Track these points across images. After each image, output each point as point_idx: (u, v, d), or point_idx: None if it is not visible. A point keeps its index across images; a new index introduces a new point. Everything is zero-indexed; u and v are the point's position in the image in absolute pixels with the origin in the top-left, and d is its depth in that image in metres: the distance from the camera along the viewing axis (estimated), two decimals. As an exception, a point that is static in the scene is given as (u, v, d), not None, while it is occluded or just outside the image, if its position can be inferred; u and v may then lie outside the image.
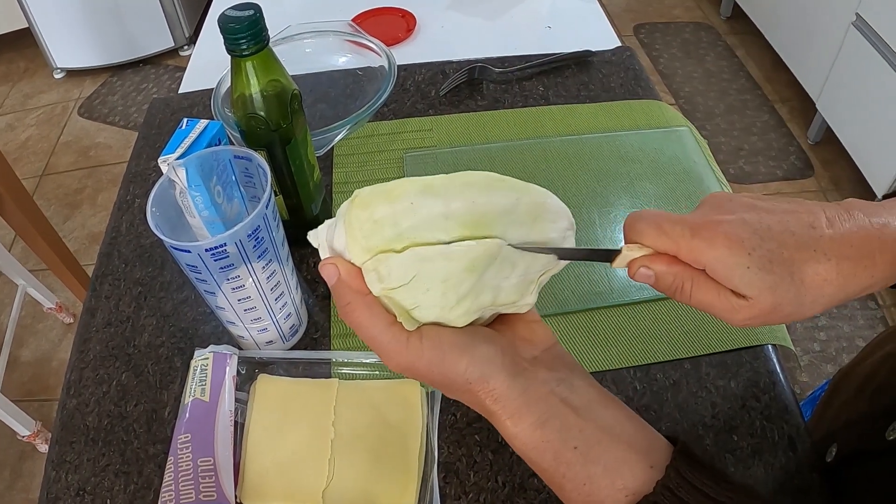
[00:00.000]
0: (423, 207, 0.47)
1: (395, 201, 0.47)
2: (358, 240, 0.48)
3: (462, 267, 0.48)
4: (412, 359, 0.49)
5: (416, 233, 0.47)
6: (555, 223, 0.52)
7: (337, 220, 0.51)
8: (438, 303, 0.49)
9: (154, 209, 0.69)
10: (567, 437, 0.49)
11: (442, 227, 0.47)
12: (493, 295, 0.51)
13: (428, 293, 0.49)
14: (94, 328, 0.91)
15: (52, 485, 0.78)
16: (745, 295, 0.50)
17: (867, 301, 2.36)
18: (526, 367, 0.52)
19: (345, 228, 0.49)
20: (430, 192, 0.48)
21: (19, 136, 3.30)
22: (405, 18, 1.47)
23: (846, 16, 2.54)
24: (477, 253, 0.48)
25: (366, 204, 0.48)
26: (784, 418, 0.79)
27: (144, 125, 1.21)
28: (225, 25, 0.72)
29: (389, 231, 0.47)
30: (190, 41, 3.61)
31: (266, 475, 0.74)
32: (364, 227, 0.48)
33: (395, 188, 0.48)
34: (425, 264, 0.48)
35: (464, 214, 0.48)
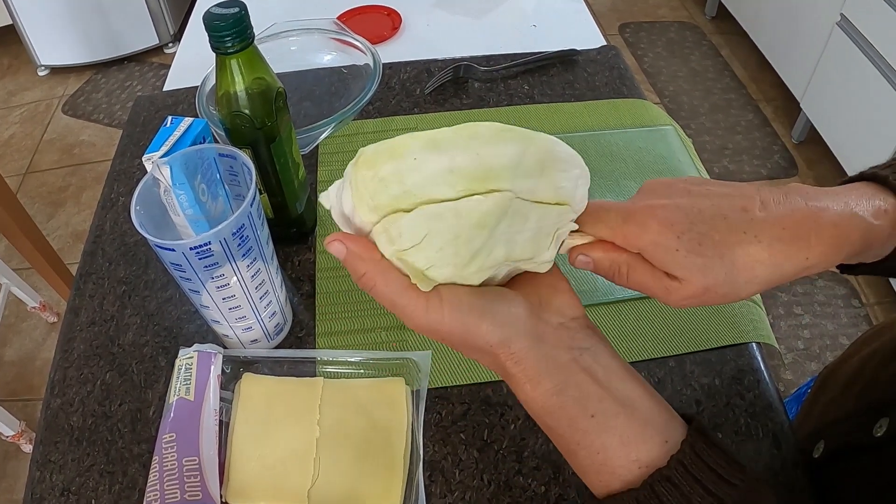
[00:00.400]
0: (427, 163, 0.47)
1: (400, 158, 0.47)
2: (365, 200, 0.48)
3: (473, 222, 0.47)
4: (432, 322, 0.49)
5: (422, 189, 0.47)
6: (565, 171, 0.52)
7: (343, 181, 0.50)
8: (451, 260, 0.49)
9: (138, 207, 0.69)
10: (585, 406, 0.49)
11: (448, 182, 0.47)
12: (506, 249, 0.50)
13: (441, 251, 0.48)
14: (78, 327, 0.91)
15: (37, 485, 0.77)
16: (677, 277, 0.52)
17: (851, 300, 2.37)
18: (549, 333, 0.51)
19: (351, 190, 0.49)
20: (434, 146, 0.47)
21: (3, 133, 3.28)
22: (390, 16, 1.46)
23: (831, 16, 2.56)
24: (487, 207, 0.47)
25: (370, 163, 0.47)
26: (768, 416, 0.79)
27: (129, 123, 1.20)
28: (210, 23, 0.72)
29: (395, 188, 0.47)
30: (175, 39, 3.59)
31: (251, 474, 0.73)
32: (370, 187, 0.47)
33: (399, 145, 0.47)
34: (435, 222, 0.47)
35: (469, 168, 0.47)
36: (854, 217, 0.54)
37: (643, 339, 0.85)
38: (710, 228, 0.51)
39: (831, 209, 0.54)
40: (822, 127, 2.71)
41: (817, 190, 0.55)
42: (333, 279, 0.93)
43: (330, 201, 0.52)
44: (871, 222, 0.55)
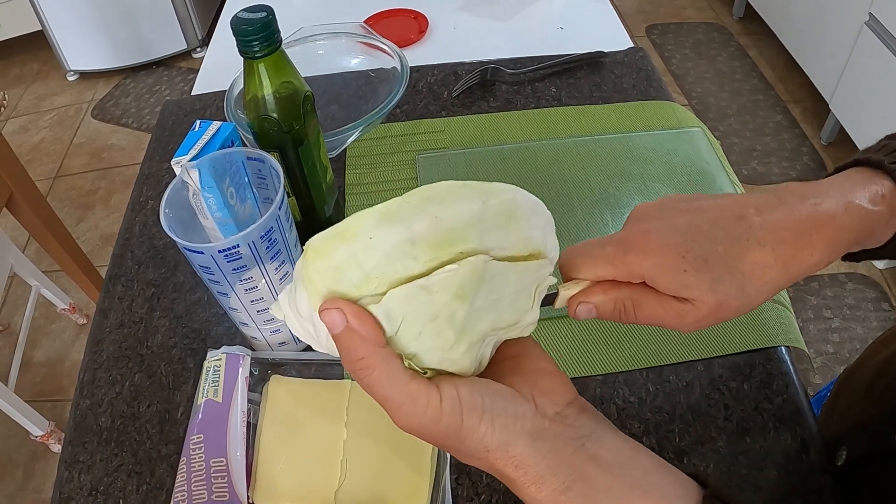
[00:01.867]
0: (383, 238, 0.41)
1: (352, 240, 0.42)
2: (322, 294, 0.43)
3: (450, 297, 0.43)
4: (428, 423, 0.44)
5: (384, 269, 0.42)
6: (530, 220, 0.47)
7: (295, 282, 0.46)
8: (436, 345, 0.44)
9: (167, 210, 0.70)
10: (594, 498, 0.46)
11: (410, 255, 0.42)
12: (492, 319, 0.46)
13: (421, 336, 0.44)
14: (107, 329, 0.91)
15: (65, 484, 0.78)
16: (687, 298, 0.50)
17: (881, 303, 2.34)
18: (548, 427, 0.47)
19: (305, 286, 0.44)
20: (387, 219, 0.42)
21: (33, 138, 3.31)
22: (417, 20, 1.47)
23: (859, 15, 2.53)
24: (462, 277, 0.42)
25: (321, 252, 0.43)
26: (797, 420, 0.78)
27: (157, 127, 1.21)
28: (237, 27, 0.72)
29: (355, 275, 0.42)
30: (203, 43, 3.62)
31: (278, 476, 0.74)
32: (326, 278, 0.43)
33: (349, 226, 0.42)
34: (408, 306, 0.42)
35: (430, 233, 0.42)
36: (852, 206, 0.54)
37: (671, 344, 0.85)
38: (711, 242, 0.50)
39: (828, 202, 0.53)
40: (852, 128, 2.69)
41: (809, 185, 0.55)
42: (360, 282, 0.93)
43: (282, 310, 0.48)
44: (870, 209, 0.54)
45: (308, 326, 0.46)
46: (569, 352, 0.84)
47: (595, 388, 0.82)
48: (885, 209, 0.55)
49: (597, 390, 0.81)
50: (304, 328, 0.47)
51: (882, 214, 0.55)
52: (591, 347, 0.85)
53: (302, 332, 0.47)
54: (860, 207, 0.54)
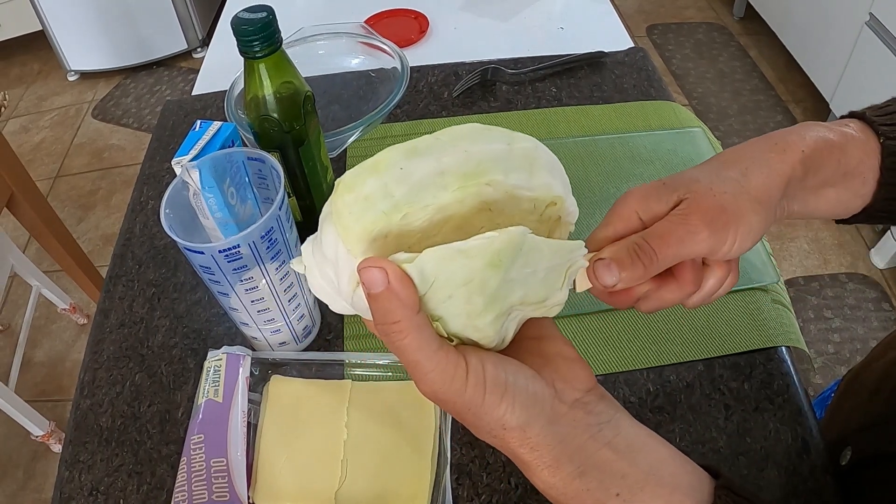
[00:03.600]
0: (414, 170, 0.42)
1: (383, 172, 0.42)
2: (350, 226, 0.43)
3: (485, 263, 0.42)
4: (451, 394, 0.44)
5: (412, 198, 0.42)
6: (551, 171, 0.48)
7: (322, 223, 0.46)
8: (464, 309, 0.44)
9: (168, 211, 0.70)
10: (609, 485, 0.46)
11: (439, 184, 0.43)
12: (522, 292, 0.46)
13: (450, 300, 0.44)
14: (107, 329, 0.91)
15: (66, 484, 0.78)
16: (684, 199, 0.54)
17: (881, 303, 2.34)
18: (565, 412, 0.47)
19: (333, 222, 0.44)
20: (417, 153, 0.43)
21: (33, 138, 3.31)
22: (418, 20, 1.47)
23: (860, 15, 2.53)
24: (500, 244, 0.42)
25: (351, 186, 0.43)
26: (797, 420, 0.78)
27: (158, 127, 1.21)
28: (238, 27, 0.72)
29: (383, 204, 0.42)
30: (203, 43, 3.62)
31: (279, 476, 0.74)
32: (354, 209, 0.42)
33: (381, 160, 0.43)
34: (443, 266, 0.42)
35: (458, 165, 0.43)
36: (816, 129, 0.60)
37: (672, 343, 0.85)
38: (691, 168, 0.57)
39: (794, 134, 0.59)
40: (853, 128, 2.68)
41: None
42: (361, 282, 0.93)
43: (304, 260, 0.47)
44: (836, 128, 0.60)
45: (329, 273, 0.46)
46: (569, 352, 0.84)
47: (595, 388, 0.82)
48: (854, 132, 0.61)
49: (597, 390, 0.81)
50: (326, 277, 0.46)
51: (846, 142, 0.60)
52: (592, 347, 0.85)
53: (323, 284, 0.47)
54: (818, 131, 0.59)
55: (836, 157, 0.58)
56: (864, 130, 0.60)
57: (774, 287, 0.90)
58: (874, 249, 2.47)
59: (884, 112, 0.61)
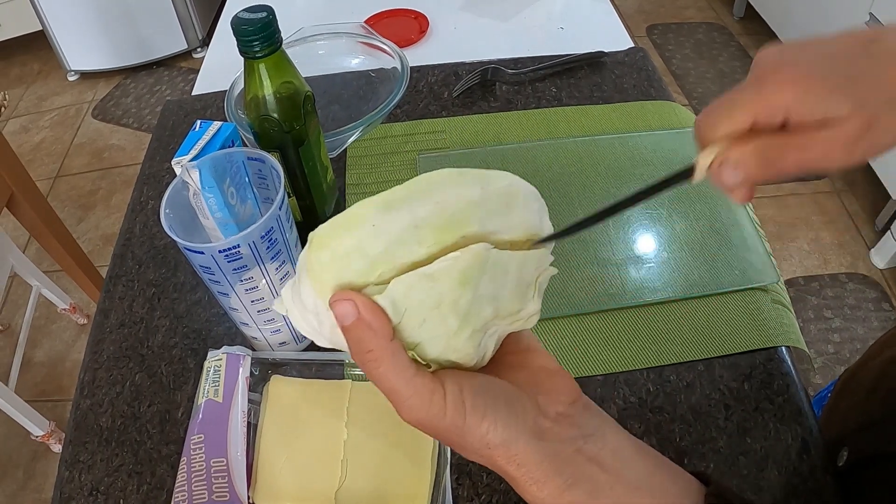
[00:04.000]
0: (387, 225, 0.42)
1: (356, 229, 0.42)
2: (326, 282, 0.43)
3: (454, 283, 0.42)
4: (432, 418, 0.44)
5: (388, 255, 0.42)
6: (527, 207, 0.47)
7: (299, 274, 0.45)
8: (439, 332, 0.44)
9: (168, 211, 0.70)
10: (598, 497, 0.46)
11: (415, 239, 0.42)
12: (493, 307, 0.46)
13: (425, 325, 0.44)
14: (107, 329, 0.91)
15: (66, 484, 0.78)
16: (834, 119, 0.44)
17: (881, 303, 2.34)
18: (550, 427, 0.47)
19: (310, 277, 0.44)
20: (389, 207, 0.42)
21: (33, 138, 3.31)
22: (418, 20, 1.47)
23: (860, 16, 2.53)
24: (465, 263, 0.42)
25: (324, 243, 0.43)
26: (797, 421, 0.78)
27: (158, 127, 1.21)
28: (238, 27, 0.72)
29: (359, 263, 0.42)
30: (203, 43, 3.62)
31: (279, 476, 0.74)
32: (331, 268, 0.42)
33: (352, 216, 0.42)
34: (412, 293, 0.42)
35: (433, 217, 0.42)
36: None
37: (672, 343, 0.85)
38: (850, 62, 0.45)
39: None
40: (852, 129, 2.68)
41: None
42: (361, 282, 0.93)
43: (285, 304, 0.47)
44: None
45: (311, 319, 0.46)
46: (569, 352, 0.85)
47: (595, 388, 0.82)
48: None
49: (597, 390, 0.81)
50: (308, 322, 0.46)
51: None
52: (592, 347, 0.85)
53: (305, 326, 0.47)
54: None
55: None
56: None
57: (774, 287, 0.90)
58: (874, 249, 2.47)
59: None
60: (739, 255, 0.92)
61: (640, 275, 0.91)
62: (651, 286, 0.90)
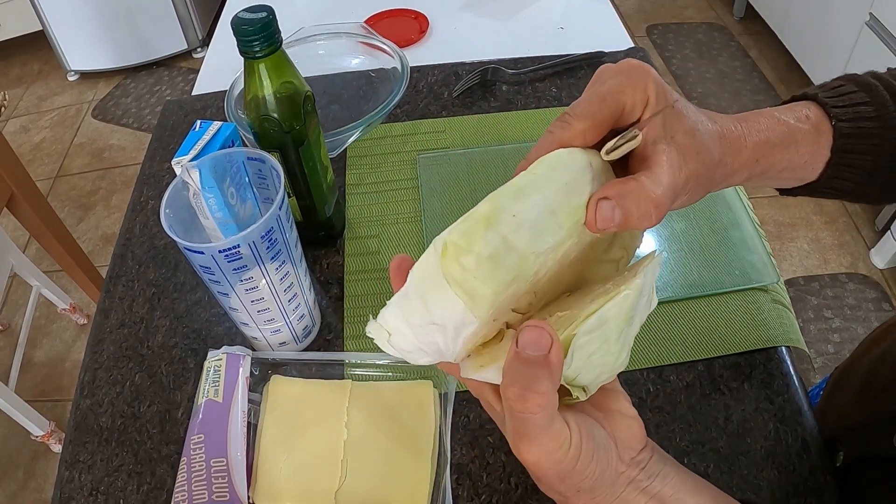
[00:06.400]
0: (526, 213, 0.41)
1: (496, 223, 0.40)
2: (478, 290, 0.40)
3: (622, 321, 0.43)
4: (551, 464, 0.43)
5: (534, 245, 0.41)
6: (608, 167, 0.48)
7: (423, 287, 0.41)
8: (604, 361, 0.44)
9: (168, 211, 0.70)
10: None
11: (555, 224, 0.42)
12: (639, 321, 0.46)
13: (590, 360, 0.43)
14: (107, 329, 0.91)
15: (66, 484, 0.78)
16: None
17: (881, 303, 2.34)
18: (623, 471, 0.48)
19: (452, 288, 0.40)
20: (522, 195, 0.41)
21: (33, 138, 3.31)
22: (418, 20, 1.47)
23: (860, 15, 2.53)
24: (631, 300, 0.43)
25: (463, 248, 0.40)
26: (797, 420, 0.78)
27: (158, 127, 1.21)
28: (238, 27, 0.72)
29: (511, 258, 0.40)
30: (203, 43, 3.62)
31: (279, 476, 0.74)
32: (480, 272, 0.40)
33: (488, 210, 0.40)
34: (585, 339, 0.42)
35: (564, 199, 0.42)
36: (775, 118, 0.57)
37: (672, 343, 0.85)
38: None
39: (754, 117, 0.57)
40: (853, 129, 2.68)
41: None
42: (362, 282, 0.93)
43: (386, 326, 0.44)
44: (791, 122, 0.58)
45: (436, 336, 0.43)
46: (569, 352, 0.84)
47: (595, 388, 0.82)
48: (809, 127, 0.59)
49: (597, 390, 0.81)
50: (427, 339, 0.43)
51: (805, 131, 0.58)
52: (592, 347, 0.85)
53: (416, 345, 0.44)
54: (784, 120, 0.58)
55: (789, 156, 0.59)
56: (819, 116, 0.60)
57: (774, 287, 0.90)
58: (874, 249, 2.47)
59: (836, 94, 0.61)
60: (739, 255, 0.92)
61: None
62: (651, 286, 0.90)
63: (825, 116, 0.60)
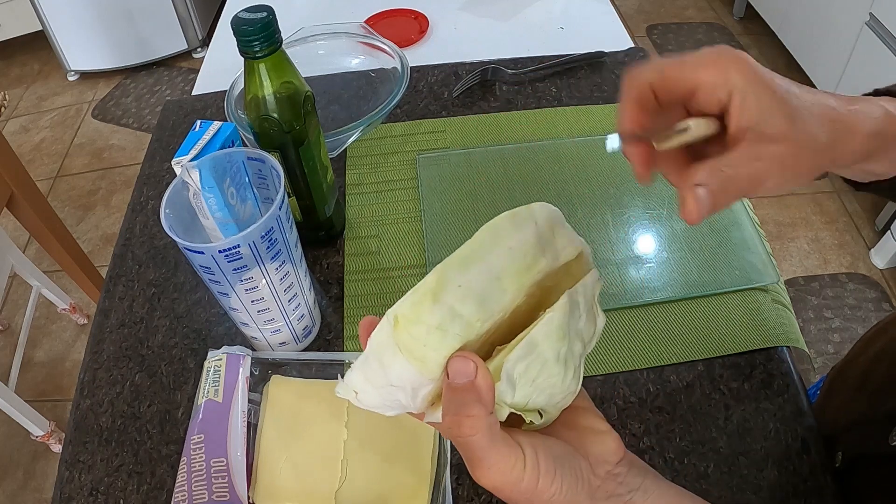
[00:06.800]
0: (472, 284, 0.43)
1: (442, 293, 0.42)
2: (429, 356, 0.42)
3: (554, 341, 0.45)
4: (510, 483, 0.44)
5: (480, 313, 0.43)
6: (563, 226, 0.49)
7: (380, 354, 0.44)
8: (549, 383, 0.46)
9: (168, 211, 0.70)
10: None
11: (499, 289, 0.44)
12: (580, 340, 0.48)
13: (535, 384, 0.46)
14: (107, 329, 0.91)
15: (66, 484, 0.78)
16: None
17: (881, 303, 2.34)
18: (600, 486, 0.48)
19: (405, 356, 0.43)
20: (468, 263, 0.43)
21: (33, 138, 3.31)
22: (418, 20, 1.47)
23: (860, 15, 2.53)
24: (559, 319, 0.45)
25: (414, 318, 0.42)
26: (797, 420, 0.78)
27: (158, 127, 1.21)
28: (238, 27, 0.72)
29: (456, 327, 0.42)
30: (203, 43, 3.62)
31: (279, 476, 0.74)
32: (430, 341, 0.42)
33: (434, 284, 0.42)
34: (518, 366, 0.44)
35: (509, 265, 0.44)
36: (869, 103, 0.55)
37: (672, 343, 0.85)
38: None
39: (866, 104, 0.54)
40: (853, 129, 2.68)
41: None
42: (362, 282, 0.93)
43: (352, 386, 0.47)
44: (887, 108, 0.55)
45: (396, 395, 0.45)
46: (569, 352, 0.84)
47: (595, 388, 0.82)
48: None
49: (597, 390, 0.81)
50: (389, 398, 0.46)
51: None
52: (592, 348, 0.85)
53: (381, 402, 0.47)
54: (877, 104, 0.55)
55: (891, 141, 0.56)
56: None
57: (774, 287, 0.90)
58: (874, 249, 2.47)
59: None
60: (739, 255, 0.92)
61: (640, 275, 0.91)
62: (651, 286, 0.90)
63: None
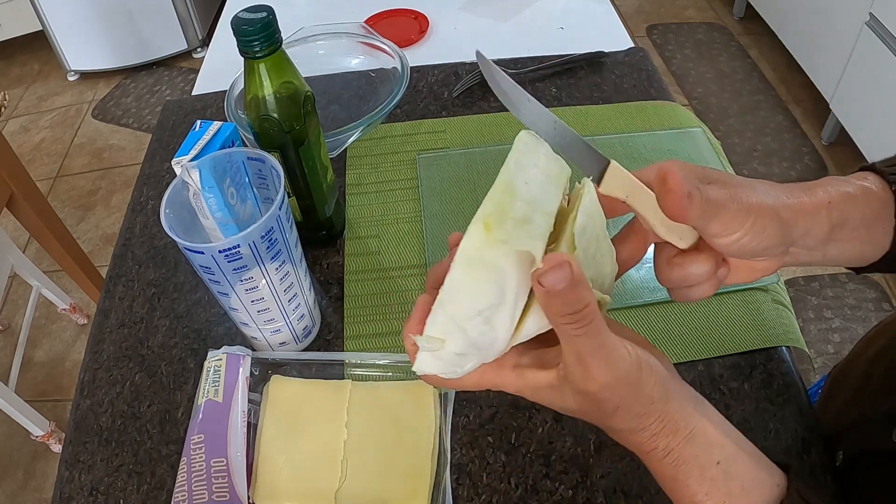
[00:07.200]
0: (533, 180, 0.46)
1: (516, 193, 0.44)
2: (534, 246, 0.43)
3: (599, 213, 0.50)
4: (623, 374, 0.45)
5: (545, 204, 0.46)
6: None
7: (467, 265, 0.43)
8: (606, 261, 0.50)
9: (168, 211, 0.70)
10: (711, 453, 0.49)
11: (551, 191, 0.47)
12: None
13: (594, 260, 0.49)
14: (107, 329, 0.91)
15: (66, 484, 0.78)
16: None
17: (881, 303, 2.34)
18: (674, 382, 0.50)
19: (506, 248, 0.43)
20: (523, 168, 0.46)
21: (33, 138, 3.31)
22: (418, 20, 1.47)
23: (860, 15, 2.53)
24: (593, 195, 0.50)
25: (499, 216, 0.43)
26: (798, 420, 0.78)
27: (158, 127, 1.21)
28: (238, 27, 0.72)
29: (539, 217, 0.45)
30: (203, 43, 3.62)
31: (279, 476, 0.74)
32: (522, 232, 0.43)
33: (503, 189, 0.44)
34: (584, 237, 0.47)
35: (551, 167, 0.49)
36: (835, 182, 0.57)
37: (671, 343, 0.85)
38: None
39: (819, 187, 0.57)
40: (852, 128, 2.68)
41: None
42: (362, 282, 0.93)
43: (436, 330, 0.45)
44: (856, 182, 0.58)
45: (480, 327, 0.44)
46: (569, 352, 0.84)
47: (595, 388, 0.82)
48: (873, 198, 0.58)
49: (597, 390, 0.81)
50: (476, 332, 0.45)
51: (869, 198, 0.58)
52: (592, 347, 0.85)
53: (468, 344, 0.45)
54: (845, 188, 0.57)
55: (861, 209, 0.58)
56: (880, 182, 0.59)
57: (774, 287, 0.90)
58: (874, 249, 2.47)
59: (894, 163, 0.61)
60: (739, 255, 0.92)
61: (640, 275, 0.91)
62: (651, 286, 0.90)
63: (885, 183, 0.59)
